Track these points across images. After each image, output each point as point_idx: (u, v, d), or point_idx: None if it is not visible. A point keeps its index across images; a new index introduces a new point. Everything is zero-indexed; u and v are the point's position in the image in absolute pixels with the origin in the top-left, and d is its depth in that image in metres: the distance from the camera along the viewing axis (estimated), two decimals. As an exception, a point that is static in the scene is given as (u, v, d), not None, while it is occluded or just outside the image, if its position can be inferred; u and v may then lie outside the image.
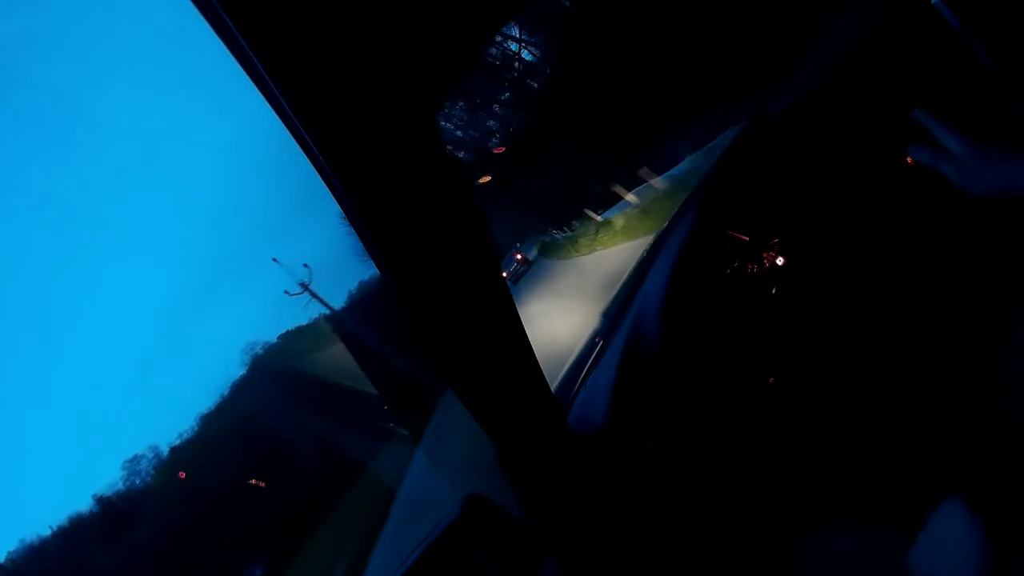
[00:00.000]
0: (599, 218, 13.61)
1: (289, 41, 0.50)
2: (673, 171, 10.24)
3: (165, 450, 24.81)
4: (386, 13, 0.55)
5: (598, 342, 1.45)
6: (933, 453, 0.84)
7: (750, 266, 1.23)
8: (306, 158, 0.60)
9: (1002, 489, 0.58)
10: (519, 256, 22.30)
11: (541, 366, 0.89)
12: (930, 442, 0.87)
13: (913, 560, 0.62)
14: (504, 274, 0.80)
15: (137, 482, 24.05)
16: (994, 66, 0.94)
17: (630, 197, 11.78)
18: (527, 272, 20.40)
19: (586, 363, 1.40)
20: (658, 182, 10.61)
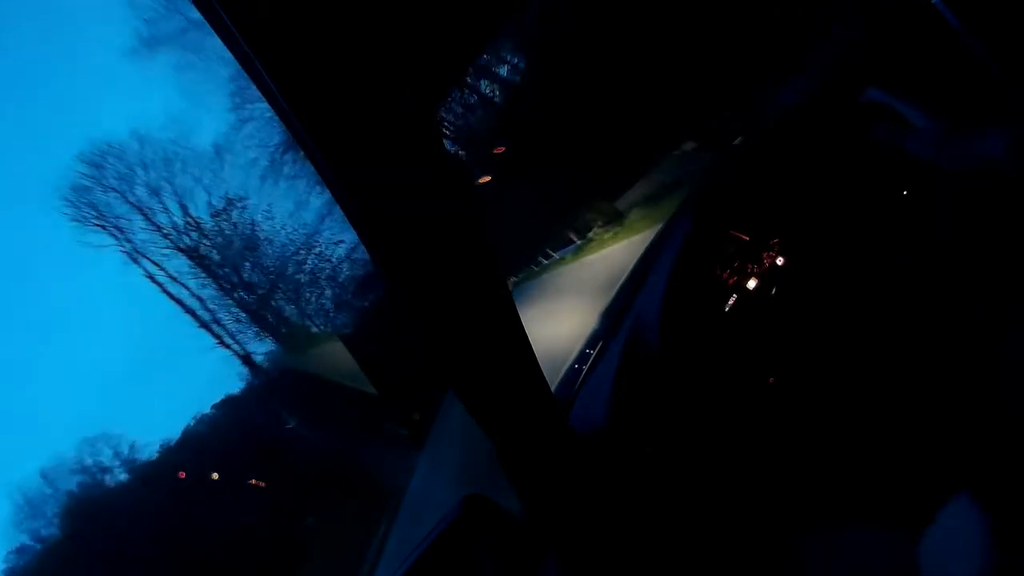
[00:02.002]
0: (582, 239, 13.38)
1: (289, 41, 0.50)
2: (669, 174, 10.21)
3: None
4: (385, 13, 0.55)
5: (598, 342, 1.45)
6: (934, 452, 0.84)
7: (750, 266, 1.23)
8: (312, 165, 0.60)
9: (1007, 487, 0.58)
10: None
11: (541, 366, 0.89)
12: (930, 441, 0.87)
13: (921, 556, 0.62)
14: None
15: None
16: (994, 66, 0.94)
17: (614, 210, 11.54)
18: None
19: (586, 363, 1.40)
20: (651, 188, 10.57)
